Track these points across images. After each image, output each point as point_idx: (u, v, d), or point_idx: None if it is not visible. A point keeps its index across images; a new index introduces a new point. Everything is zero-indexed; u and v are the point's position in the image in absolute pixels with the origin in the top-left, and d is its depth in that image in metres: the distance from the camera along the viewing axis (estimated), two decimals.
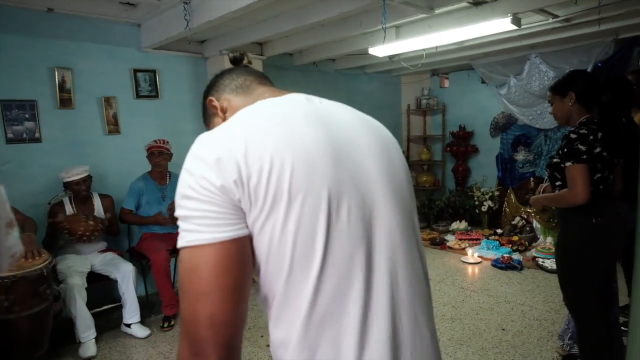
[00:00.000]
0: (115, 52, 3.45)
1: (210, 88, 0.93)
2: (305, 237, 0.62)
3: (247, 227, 0.62)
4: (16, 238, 0.60)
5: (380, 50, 3.97)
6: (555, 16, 3.37)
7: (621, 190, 2.02)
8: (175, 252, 3.36)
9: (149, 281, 3.48)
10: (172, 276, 3.30)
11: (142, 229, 3.34)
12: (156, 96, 3.70)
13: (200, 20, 2.87)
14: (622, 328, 2.53)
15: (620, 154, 1.96)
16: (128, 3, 3.18)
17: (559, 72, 4.58)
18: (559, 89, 1.98)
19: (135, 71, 3.57)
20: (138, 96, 3.60)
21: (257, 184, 0.60)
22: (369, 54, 4.10)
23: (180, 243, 0.61)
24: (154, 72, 3.67)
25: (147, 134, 3.59)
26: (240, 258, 0.61)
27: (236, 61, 1.02)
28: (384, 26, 2.94)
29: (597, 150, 1.83)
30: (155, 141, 3.32)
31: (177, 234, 0.64)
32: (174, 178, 3.45)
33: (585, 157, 1.80)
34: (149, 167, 3.34)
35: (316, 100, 0.76)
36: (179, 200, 0.62)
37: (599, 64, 4.32)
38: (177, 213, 0.62)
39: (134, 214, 3.28)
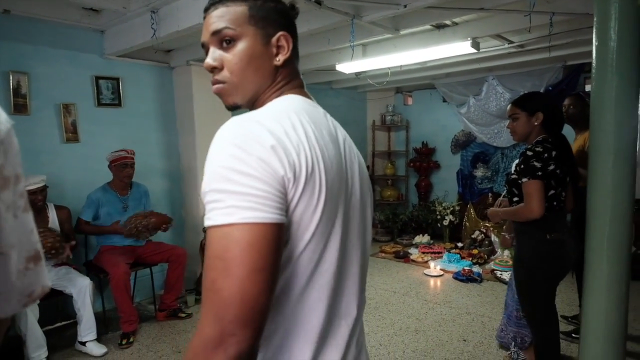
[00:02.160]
0: (77, 57, 3.33)
1: (285, 16, 0.79)
2: (325, 231, 0.69)
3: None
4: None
5: (347, 67, 4.07)
6: (511, 42, 3.59)
7: (573, 206, 2.15)
8: (136, 265, 3.24)
9: (106, 296, 3.33)
10: (132, 290, 3.17)
11: (101, 241, 3.20)
12: (119, 104, 3.60)
13: (167, 29, 2.84)
14: (573, 335, 2.67)
15: (571, 172, 2.09)
16: (91, 9, 3.10)
17: (514, 94, 4.85)
18: (527, 107, 2.03)
19: (97, 78, 3.46)
20: (99, 104, 3.48)
21: (302, 172, 0.64)
22: (336, 70, 4.18)
23: (234, 218, 0.58)
24: (117, 80, 3.57)
25: (109, 143, 3.47)
26: (282, 241, 0.63)
27: (294, 14, 0.85)
28: (351, 44, 3.02)
29: (551, 167, 1.94)
30: (125, 151, 3.21)
31: (137, 247, 0.62)
32: (135, 188, 3.35)
33: (540, 173, 1.91)
34: (110, 177, 3.23)
35: (327, 116, 0.82)
36: (227, 173, 0.59)
37: (550, 88, 4.61)
38: (224, 187, 0.59)
39: (92, 224, 3.15)
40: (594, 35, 1.81)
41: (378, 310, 3.45)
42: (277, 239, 0.60)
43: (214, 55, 0.77)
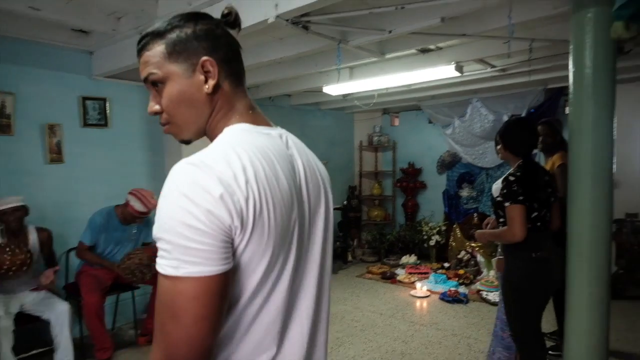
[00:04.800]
0: (64, 78, 3.33)
1: (207, 38, 0.76)
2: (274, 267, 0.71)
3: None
4: None
5: (334, 89, 4.13)
6: (493, 66, 3.69)
7: (559, 226, 2.19)
8: (118, 287, 3.17)
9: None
10: (114, 314, 3.09)
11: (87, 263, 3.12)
12: (105, 125, 3.58)
13: None
14: (550, 352, 2.68)
15: (554, 193, 2.15)
16: (81, 30, 3.12)
17: (498, 115, 4.97)
18: (496, 138, 2.24)
19: (84, 99, 3.45)
20: (86, 124, 3.46)
21: (249, 218, 0.65)
22: (322, 91, 4.24)
23: (179, 272, 0.61)
24: (104, 100, 3.57)
25: (94, 163, 3.44)
26: (228, 286, 0.66)
27: (233, 21, 0.81)
28: (338, 67, 3.08)
29: (533, 190, 2.00)
30: (144, 205, 3.01)
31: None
32: (145, 222, 3.25)
33: (521, 198, 1.96)
34: (95, 200, 3.18)
35: (284, 139, 0.80)
36: (175, 225, 0.61)
37: (532, 110, 4.73)
38: (172, 238, 0.61)
39: (94, 253, 3.06)
40: (570, 62, 1.88)
41: (365, 333, 3.41)
42: (221, 288, 0.63)
43: (152, 99, 0.79)
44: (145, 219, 3.21)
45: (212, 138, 0.78)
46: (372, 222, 6.21)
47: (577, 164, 1.86)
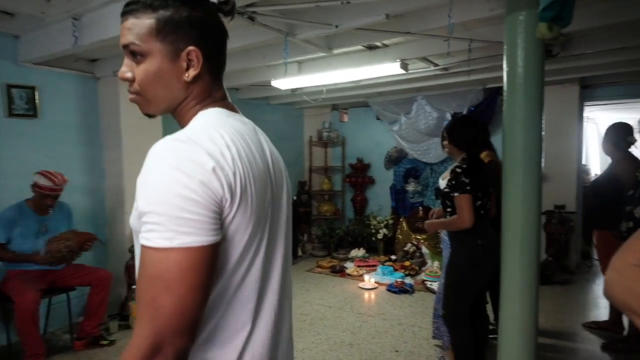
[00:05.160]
0: None
1: (199, 27, 0.75)
2: (253, 241, 0.74)
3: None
4: None
5: (283, 83, 4.10)
6: (436, 65, 3.83)
7: (495, 214, 2.34)
8: (50, 290, 2.96)
9: (13, 327, 2.98)
10: (46, 319, 2.88)
11: (9, 265, 2.89)
12: (34, 115, 3.32)
13: (91, 38, 2.68)
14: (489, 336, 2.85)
15: (492, 184, 2.30)
16: (5, 12, 2.85)
17: (441, 113, 5.18)
18: (443, 134, 2.39)
19: (9, 87, 3.17)
20: (11, 114, 3.18)
21: (237, 192, 0.68)
22: (272, 86, 4.20)
23: (174, 243, 0.62)
24: (32, 88, 3.29)
25: (22, 157, 3.18)
26: (217, 258, 0.68)
27: (229, 10, 0.81)
28: (285, 61, 3.05)
29: (477, 181, 2.14)
30: (54, 182, 2.88)
31: (52, 271, 0.60)
32: (58, 208, 3.05)
33: (469, 188, 2.11)
34: (22, 194, 2.94)
35: (256, 128, 0.85)
36: (169, 197, 0.62)
37: (472, 108, 4.98)
38: (166, 210, 0.62)
39: (8, 250, 2.82)
40: (504, 62, 1.99)
41: (313, 326, 3.44)
42: (212, 258, 0.66)
43: (126, 66, 0.78)
44: (58, 205, 3.04)
45: (181, 120, 0.81)
46: (322, 217, 6.26)
47: (510, 158, 1.98)
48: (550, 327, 3.33)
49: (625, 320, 3.08)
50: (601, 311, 3.62)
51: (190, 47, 0.74)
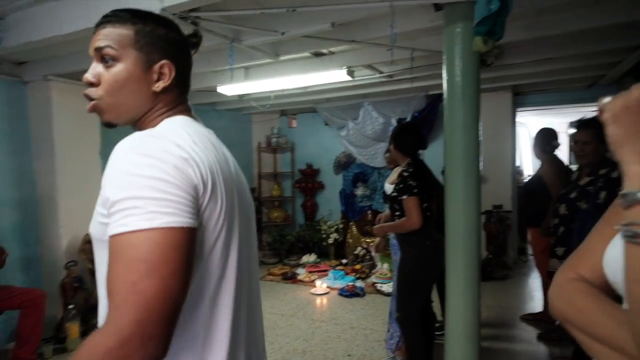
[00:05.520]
0: None
1: (174, 46, 0.81)
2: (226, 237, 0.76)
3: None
4: None
5: (229, 89, 4.04)
6: (381, 72, 3.95)
7: (437, 218, 2.45)
8: None
9: None
10: None
11: None
12: None
13: (18, 39, 2.49)
14: (436, 333, 2.97)
15: (435, 187, 2.40)
16: None
17: (387, 118, 5.33)
18: (390, 140, 2.48)
19: None
20: None
21: (208, 182, 0.69)
22: (217, 91, 4.12)
23: (155, 223, 0.61)
24: None
25: None
26: (195, 244, 0.68)
27: (195, 43, 0.89)
28: (231, 67, 3.01)
29: (422, 184, 2.23)
30: None
31: None
32: None
33: (416, 190, 2.19)
34: None
35: (213, 134, 0.87)
36: (144, 181, 0.62)
37: (416, 114, 5.18)
38: (143, 193, 0.62)
39: None
40: (444, 71, 2.09)
41: (266, 335, 3.36)
42: (192, 242, 0.66)
43: (94, 70, 0.78)
44: None
45: (145, 128, 0.80)
46: (273, 224, 6.21)
47: (451, 161, 2.08)
48: (492, 320, 3.51)
49: None
50: (536, 303, 3.88)
51: (164, 61, 0.78)
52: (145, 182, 0.62)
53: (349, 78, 3.69)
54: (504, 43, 3.18)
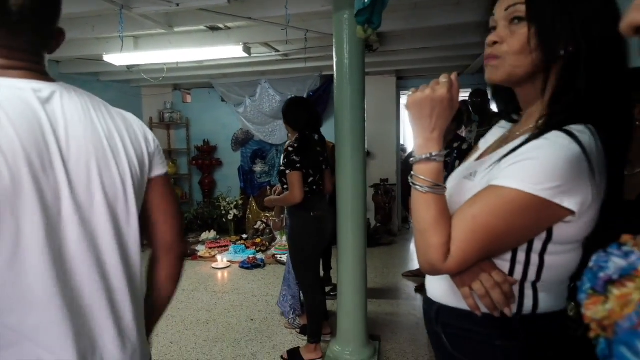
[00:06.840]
0: None
1: None
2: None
3: None
4: None
5: (117, 58, 3.79)
6: (277, 50, 4.05)
7: (331, 189, 2.65)
8: None
9: None
10: None
11: None
12: None
13: None
14: (331, 294, 3.29)
15: (325, 162, 2.59)
16: None
17: (284, 97, 5.47)
18: (284, 116, 2.52)
19: None
20: None
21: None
22: (103, 60, 3.84)
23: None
24: None
25: None
26: None
27: None
28: (121, 35, 2.86)
29: (308, 159, 2.37)
30: None
31: None
32: None
33: (299, 165, 2.32)
34: None
35: (55, 99, 0.73)
36: None
37: (311, 93, 5.41)
38: None
39: None
40: (334, 53, 2.28)
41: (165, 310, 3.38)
42: None
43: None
44: None
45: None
46: None
47: (340, 137, 2.31)
48: (379, 280, 3.98)
49: None
50: (415, 262, 4.47)
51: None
52: None
53: (245, 55, 3.72)
54: (387, 31, 3.51)
